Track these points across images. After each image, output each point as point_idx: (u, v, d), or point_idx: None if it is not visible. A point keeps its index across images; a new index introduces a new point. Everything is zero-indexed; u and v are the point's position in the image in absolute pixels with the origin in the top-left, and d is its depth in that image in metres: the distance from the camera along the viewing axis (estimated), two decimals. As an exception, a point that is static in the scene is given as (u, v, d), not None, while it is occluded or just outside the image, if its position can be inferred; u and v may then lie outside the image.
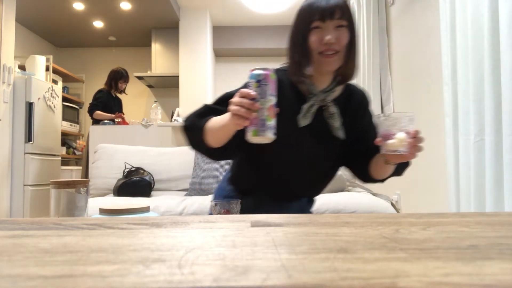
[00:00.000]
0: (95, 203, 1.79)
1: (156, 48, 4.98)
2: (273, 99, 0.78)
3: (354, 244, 0.35)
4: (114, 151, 2.42)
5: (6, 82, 3.23)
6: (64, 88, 5.03)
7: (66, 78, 5.20)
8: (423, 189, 2.32)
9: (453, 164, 1.78)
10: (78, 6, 4.32)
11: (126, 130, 3.34)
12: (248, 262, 0.29)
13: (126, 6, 4.31)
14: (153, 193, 2.26)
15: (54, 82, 4.49)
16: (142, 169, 2.27)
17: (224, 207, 0.96)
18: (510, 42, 1.39)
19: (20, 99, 3.41)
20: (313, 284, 0.24)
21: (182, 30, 4.70)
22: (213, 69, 5.22)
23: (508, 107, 1.41)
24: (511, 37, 1.39)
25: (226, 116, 0.85)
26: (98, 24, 4.84)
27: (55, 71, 4.76)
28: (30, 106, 3.44)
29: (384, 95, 2.92)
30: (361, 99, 1.09)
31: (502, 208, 1.44)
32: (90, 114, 3.67)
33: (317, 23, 0.93)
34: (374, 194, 2.02)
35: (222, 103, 0.97)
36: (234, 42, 5.20)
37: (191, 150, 1.02)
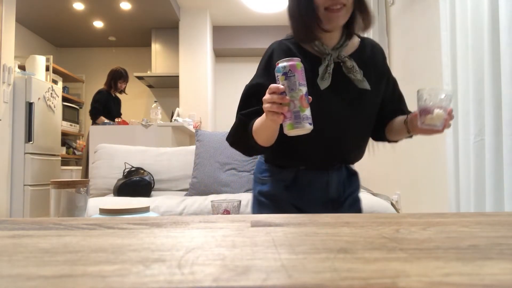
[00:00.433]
0: (95, 203, 1.79)
1: (156, 48, 4.98)
2: (303, 89, 0.77)
3: (354, 244, 0.35)
4: (114, 151, 2.42)
5: (6, 82, 3.23)
6: (64, 88, 5.03)
7: (66, 78, 5.20)
8: (423, 189, 2.32)
9: (453, 164, 1.78)
10: (78, 6, 4.32)
11: (126, 130, 3.34)
12: (248, 262, 0.29)
13: (126, 6, 4.31)
14: (153, 193, 2.25)
15: (54, 82, 4.50)
16: (142, 169, 2.27)
17: (224, 207, 0.96)
18: (510, 42, 1.39)
19: (20, 99, 3.41)
20: (313, 284, 0.24)
21: (182, 30, 4.70)
22: (213, 69, 5.22)
23: (508, 107, 1.41)
24: (511, 37, 1.39)
25: (263, 115, 0.86)
26: (98, 24, 4.84)
27: (55, 71, 4.76)
28: (30, 106, 3.44)
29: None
30: (378, 51, 1.07)
31: (502, 208, 1.44)
32: (92, 118, 3.66)
33: None
34: (374, 194, 2.02)
35: (250, 99, 0.97)
36: (234, 42, 5.20)
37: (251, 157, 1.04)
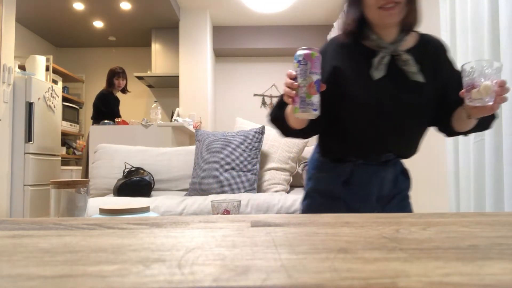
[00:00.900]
0: (95, 203, 1.79)
1: (156, 48, 4.98)
2: (313, 77, 0.81)
3: (354, 244, 0.35)
4: (114, 151, 2.42)
5: (6, 82, 3.23)
6: (64, 88, 5.03)
7: (66, 78, 5.20)
8: (423, 189, 2.32)
9: (453, 164, 1.78)
10: (78, 6, 4.32)
11: (126, 130, 3.34)
12: (248, 262, 0.29)
13: (126, 6, 4.31)
14: (153, 193, 2.25)
15: (54, 82, 4.50)
16: (142, 169, 2.26)
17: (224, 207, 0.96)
18: (510, 42, 1.39)
19: (20, 99, 3.41)
20: (313, 284, 0.24)
21: (182, 30, 4.70)
22: (213, 69, 5.22)
23: (508, 107, 1.41)
24: (511, 37, 1.39)
25: None
26: (98, 24, 4.84)
27: (55, 71, 4.76)
28: (30, 106, 3.44)
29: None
30: (437, 46, 1.07)
31: (502, 208, 1.44)
32: (96, 121, 3.65)
33: None
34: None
35: None
36: (234, 42, 5.20)
37: (284, 138, 1.04)
